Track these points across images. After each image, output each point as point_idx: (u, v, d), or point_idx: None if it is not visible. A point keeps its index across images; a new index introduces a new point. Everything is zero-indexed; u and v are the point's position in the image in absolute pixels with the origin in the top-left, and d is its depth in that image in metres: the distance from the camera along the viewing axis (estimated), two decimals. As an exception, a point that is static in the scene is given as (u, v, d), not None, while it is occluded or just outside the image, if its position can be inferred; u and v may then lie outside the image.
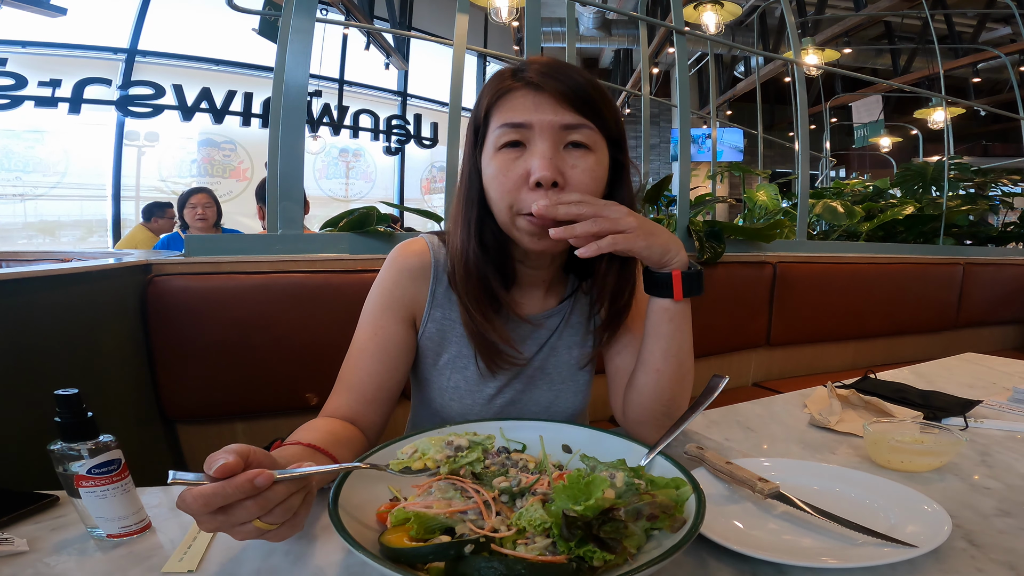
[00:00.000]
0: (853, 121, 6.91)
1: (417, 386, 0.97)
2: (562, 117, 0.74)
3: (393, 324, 0.87)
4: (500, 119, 0.76)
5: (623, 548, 0.50)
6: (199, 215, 3.47)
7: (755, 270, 2.19)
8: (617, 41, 10.13)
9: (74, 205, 6.42)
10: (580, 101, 0.75)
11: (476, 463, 0.60)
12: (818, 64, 4.63)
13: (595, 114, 0.76)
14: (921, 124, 6.73)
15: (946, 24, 8.31)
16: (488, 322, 0.83)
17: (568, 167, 0.75)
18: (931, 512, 0.62)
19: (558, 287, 0.93)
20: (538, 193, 0.73)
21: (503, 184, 0.75)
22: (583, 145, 0.76)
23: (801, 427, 1.00)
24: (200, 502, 0.46)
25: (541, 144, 0.74)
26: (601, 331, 0.91)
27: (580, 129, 0.75)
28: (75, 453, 0.59)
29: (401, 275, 0.87)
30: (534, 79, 0.75)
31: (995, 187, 4.02)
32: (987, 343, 3.03)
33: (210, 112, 6.69)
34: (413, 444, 0.62)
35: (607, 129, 0.78)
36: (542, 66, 0.77)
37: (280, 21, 1.98)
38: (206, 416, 1.43)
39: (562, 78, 0.75)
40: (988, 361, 1.52)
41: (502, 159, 0.76)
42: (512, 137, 0.75)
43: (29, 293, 0.99)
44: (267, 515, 0.49)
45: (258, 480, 0.47)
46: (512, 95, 0.76)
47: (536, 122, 0.74)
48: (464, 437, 0.63)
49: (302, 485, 0.52)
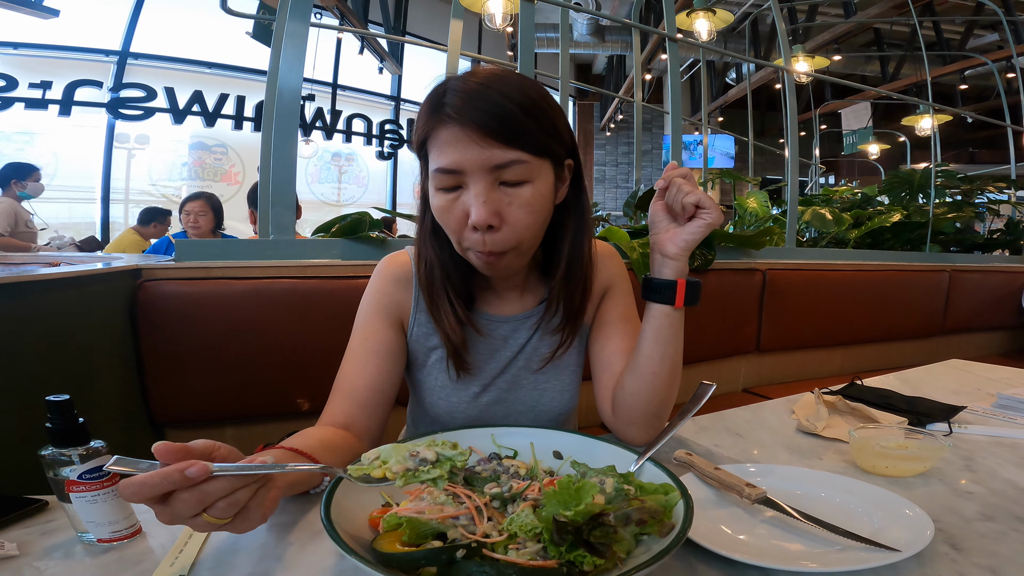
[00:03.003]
0: (842, 128, 6.98)
1: (412, 387, 1.00)
2: (491, 155, 0.71)
3: (383, 329, 0.89)
4: (434, 161, 0.74)
5: (613, 553, 0.51)
6: (191, 223, 3.42)
7: (745, 277, 2.21)
8: (611, 47, 10.19)
9: (63, 207, 6.38)
10: (508, 132, 0.71)
11: (439, 480, 0.57)
12: (808, 71, 4.68)
13: (528, 142, 0.73)
14: (909, 131, 6.80)
15: (934, 31, 8.42)
16: (446, 330, 0.86)
17: (504, 205, 0.74)
18: (914, 517, 0.63)
19: (536, 288, 0.95)
20: (477, 234, 0.75)
21: (447, 223, 0.77)
22: (519, 182, 0.74)
23: (789, 433, 1.01)
24: (131, 490, 0.46)
25: (474, 187, 0.73)
26: (559, 330, 0.92)
27: (511, 167, 0.72)
28: (66, 458, 0.59)
29: (387, 283, 0.91)
30: (453, 115, 0.71)
31: (981, 194, 4.07)
32: (973, 349, 3.06)
33: (202, 115, 6.67)
34: (377, 451, 0.60)
35: (546, 150, 0.76)
36: (463, 96, 0.71)
37: (274, 25, 1.98)
38: (195, 421, 1.42)
39: (483, 107, 0.70)
40: (973, 367, 1.54)
41: (442, 201, 0.76)
42: (447, 183, 0.74)
43: (17, 297, 0.98)
44: (211, 509, 0.49)
45: (189, 471, 0.47)
46: (440, 132, 0.73)
47: (467, 166, 0.72)
48: (432, 450, 0.60)
49: (249, 481, 0.52)
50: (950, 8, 8.06)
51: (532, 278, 0.94)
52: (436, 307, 0.86)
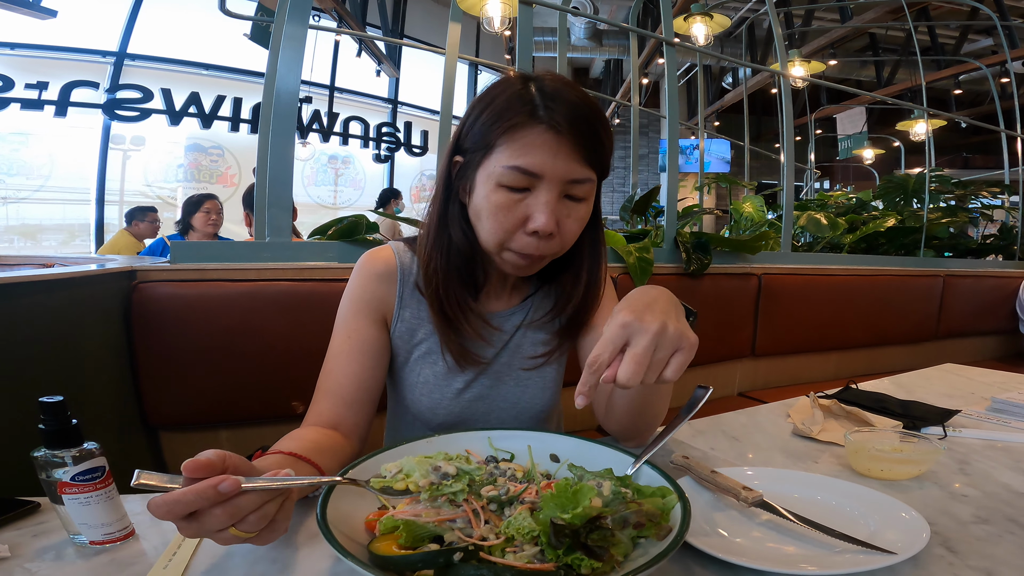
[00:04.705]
0: (837, 132, 7.02)
1: (392, 384, 0.99)
2: (573, 170, 0.73)
3: (366, 326, 0.89)
4: (511, 158, 0.73)
5: (610, 556, 0.51)
6: (212, 220, 3.49)
7: (741, 281, 2.22)
8: (608, 51, 10.24)
9: (57, 209, 6.36)
10: (594, 152, 0.74)
11: (459, 493, 0.57)
12: (804, 76, 4.70)
13: (601, 165, 0.76)
14: (903, 136, 6.84)
15: (929, 36, 8.49)
16: (457, 321, 0.86)
17: (563, 216, 0.76)
18: (910, 519, 0.63)
19: (521, 284, 0.96)
20: (531, 239, 0.75)
21: (500, 223, 0.76)
22: (580, 198, 0.77)
23: (784, 436, 1.01)
24: (163, 509, 0.46)
25: (547, 195, 0.73)
26: (563, 334, 0.93)
27: (583, 184, 0.75)
28: (59, 460, 0.59)
29: (369, 279, 0.90)
30: (552, 117, 0.72)
31: (975, 199, 4.09)
32: (967, 354, 3.08)
33: (198, 117, 6.65)
34: (399, 464, 0.61)
35: (605, 174, 0.79)
36: (562, 103, 0.72)
37: (272, 27, 1.98)
38: (190, 423, 1.42)
39: (582, 124, 0.72)
40: (967, 371, 1.55)
41: (503, 198, 0.74)
42: (518, 183, 0.74)
43: (11, 298, 0.98)
44: (241, 523, 0.48)
45: (222, 487, 0.46)
46: (528, 131, 0.72)
47: (549, 173, 0.73)
48: (452, 464, 0.61)
49: (277, 494, 0.52)
50: (945, 13, 8.13)
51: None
52: (448, 298, 0.85)
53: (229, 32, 4.24)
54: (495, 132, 0.74)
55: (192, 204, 3.55)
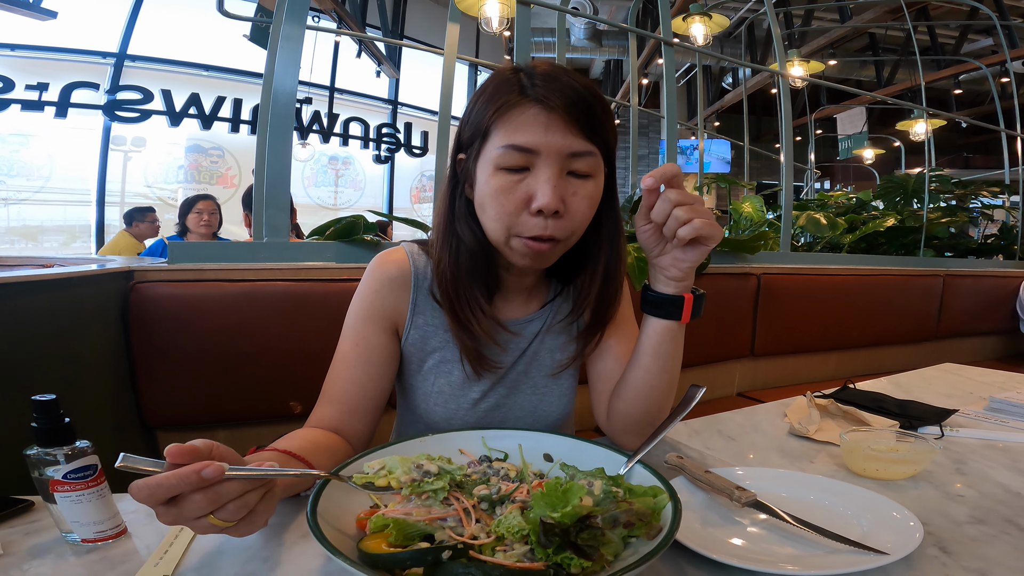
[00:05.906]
0: (837, 132, 7.02)
1: (402, 393, 0.96)
2: (570, 143, 0.72)
3: (375, 334, 0.86)
4: (505, 138, 0.72)
5: (600, 555, 0.51)
6: (204, 221, 3.48)
7: (740, 281, 2.22)
8: (608, 52, 10.23)
9: (57, 210, 6.37)
10: (589, 124, 0.73)
11: (440, 491, 0.57)
12: (803, 76, 4.70)
13: (601, 137, 0.74)
14: (903, 136, 6.84)
15: (929, 36, 8.49)
16: (468, 323, 0.83)
17: (569, 194, 0.74)
18: (904, 519, 0.63)
19: (540, 291, 0.93)
20: (538, 219, 0.73)
21: (503, 207, 0.74)
22: (586, 174, 0.75)
23: (781, 436, 1.01)
24: (144, 492, 0.45)
25: (547, 171, 0.72)
26: (583, 337, 0.91)
27: (584, 158, 0.73)
28: (51, 458, 0.59)
29: (381, 285, 0.87)
30: (543, 95, 0.71)
31: (975, 199, 4.09)
32: (967, 354, 3.07)
33: (198, 118, 6.67)
34: (381, 460, 0.61)
35: (609, 149, 0.77)
36: (549, 79, 0.73)
37: (271, 27, 1.98)
38: (187, 424, 1.41)
39: (570, 94, 0.72)
40: (966, 371, 1.55)
41: (503, 181, 0.73)
42: (517, 162, 0.72)
43: (10, 298, 0.98)
44: (220, 511, 0.48)
45: (205, 472, 0.46)
46: (518, 111, 0.72)
47: (544, 148, 0.71)
48: (435, 463, 0.61)
49: (259, 484, 0.51)
50: (944, 13, 8.13)
51: (540, 281, 0.93)
52: (459, 299, 0.82)
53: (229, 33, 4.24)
54: (488, 117, 0.74)
55: (186, 205, 3.56)
